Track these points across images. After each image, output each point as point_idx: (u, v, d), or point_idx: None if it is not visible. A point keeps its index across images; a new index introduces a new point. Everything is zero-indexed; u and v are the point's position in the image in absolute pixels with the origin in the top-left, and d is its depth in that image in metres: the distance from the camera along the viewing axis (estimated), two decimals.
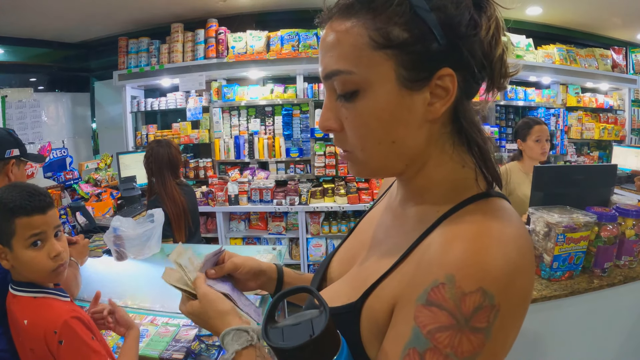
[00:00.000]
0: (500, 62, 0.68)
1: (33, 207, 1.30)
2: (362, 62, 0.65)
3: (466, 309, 0.55)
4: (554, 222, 1.87)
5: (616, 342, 2.08)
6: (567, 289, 1.89)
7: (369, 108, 0.66)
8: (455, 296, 0.56)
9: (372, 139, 0.68)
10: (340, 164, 4.64)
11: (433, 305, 0.57)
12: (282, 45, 4.65)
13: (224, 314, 0.86)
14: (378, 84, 0.65)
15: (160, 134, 5.02)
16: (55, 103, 5.31)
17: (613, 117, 5.59)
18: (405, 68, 0.64)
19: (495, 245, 0.59)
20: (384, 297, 0.67)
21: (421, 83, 0.65)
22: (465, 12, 0.65)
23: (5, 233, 1.27)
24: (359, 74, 0.65)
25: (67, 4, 4.18)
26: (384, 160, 0.71)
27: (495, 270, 0.56)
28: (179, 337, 1.88)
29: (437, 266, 0.59)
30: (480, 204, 0.67)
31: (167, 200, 3.03)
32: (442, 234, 0.64)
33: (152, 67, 4.88)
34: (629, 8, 4.68)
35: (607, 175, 2.38)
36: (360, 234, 0.92)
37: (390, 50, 0.64)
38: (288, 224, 4.75)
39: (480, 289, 0.55)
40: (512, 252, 0.59)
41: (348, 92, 0.67)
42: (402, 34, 0.63)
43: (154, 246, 2.33)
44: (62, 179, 4.13)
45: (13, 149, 1.88)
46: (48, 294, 1.34)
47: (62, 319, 1.25)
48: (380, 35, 0.64)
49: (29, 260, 1.29)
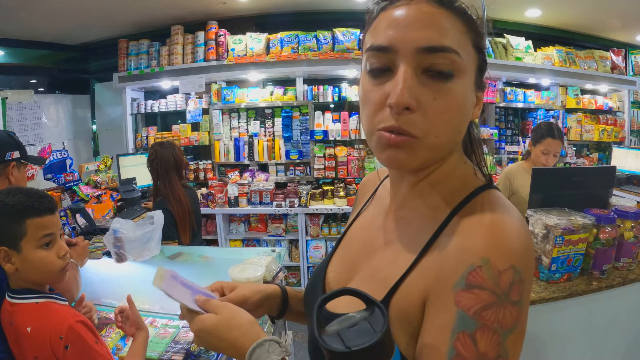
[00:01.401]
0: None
1: (44, 208, 1.32)
2: (465, 50, 0.69)
3: (504, 285, 0.60)
4: (553, 224, 1.88)
5: (615, 343, 2.08)
6: (565, 291, 1.90)
7: (461, 94, 0.70)
8: (494, 275, 0.60)
9: (453, 124, 0.71)
10: (339, 166, 4.64)
11: (474, 287, 0.61)
12: (281, 48, 4.66)
13: (251, 324, 0.78)
14: (468, 75, 0.71)
15: (160, 135, 5.02)
16: (55, 105, 5.31)
17: (612, 119, 5.58)
18: (479, 71, 0.74)
19: (510, 228, 0.65)
20: (411, 292, 0.69)
21: (479, 88, 0.75)
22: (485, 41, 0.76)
23: (14, 235, 1.27)
24: (463, 59, 0.69)
25: (67, 6, 4.19)
26: (444, 147, 0.73)
27: (518, 248, 0.63)
28: (179, 339, 1.88)
29: (468, 252, 0.63)
30: (484, 196, 0.73)
31: (174, 201, 3.04)
32: (461, 225, 0.68)
33: (152, 69, 4.89)
34: (628, 10, 4.68)
35: (606, 177, 2.38)
36: (354, 242, 0.91)
37: (478, 53, 0.73)
38: (288, 226, 4.75)
39: (512, 266, 0.61)
40: (522, 232, 0.66)
41: (447, 71, 0.67)
42: (483, 43, 0.74)
43: (154, 248, 2.33)
44: (62, 181, 4.13)
45: (13, 152, 1.88)
46: (49, 298, 1.34)
47: (67, 323, 1.25)
48: (476, 37, 0.72)
49: (40, 260, 1.30)
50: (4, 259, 1.28)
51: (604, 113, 5.63)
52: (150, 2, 4.45)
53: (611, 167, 2.60)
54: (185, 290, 0.86)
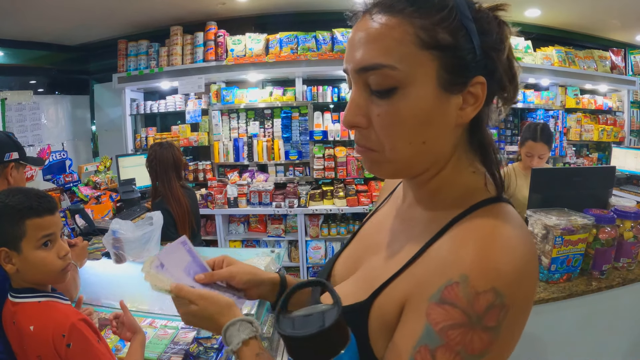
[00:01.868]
0: (516, 77, 0.72)
1: (44, 208, 1.32)
2: (407, 59, 0.65)
3: (479, 307, 0.57)
4: (552, 224, 1.87)
5: (615, 344, 2.08)
6: (565, 292, 1.89)
7: (407, 107, 0.66)
8: (469, 295, 0.58)
9: (404, 139, 0.68)
10: (339, 166, 4.64)
11: (446, 304, 0.59)
12: (281, 48, 4.67)
13: (226, 307, 0.87)
14: (419, 83, 0.65)
15: (160, 136, 5.02)
16: (54, 105, 5.31)
17: (612, 119, 5.58)
18: (446, 71, 0.66)
19: (505, 247, 0.61)
20: (394, 296, 0.69)
21: (458, 88, 0.67)
22: (495, 24, 0.69)
23: (14, 236, 1.28)
24: (402, 70, 0.65)
25: (66, 6, 4.18)
26: (410, 161, 0.71)
27: (506, 271, 0.59)
28: (178, 340, 1.88)
29: (450, 266, 0.61)
30: (490, 208, 0.69)
31: (173, 201, 3.05)
32: (454, 236, 0.66)
33: (151, 70, 4.89)
34: (628, 9, 4.69)
35: (606, 177, 2.38)
36: (364, 238, 0.93)
37: (436, 52, 0.65)
38: (287, 226, 4.75)
39: (493, 288, 0.57)
40: (520, 255, 0.61)
41: (386, 88, 0.66)
42: (448, 38, 0.65)
43: (153, 248, 2.33)
44: (61, 182, 4.13)
45: (12, 152, 1.88)
46: (51, 297, 1.35)
47: (70, 321, 1.26)
48: (428, 35, 0.64)
49: (40, 261, 1.30)
50: (5, 259, 1.28)
51: (604, 113, 5.63)
52: (150, 3, 4.44)
53: (611, 167, 2.60)
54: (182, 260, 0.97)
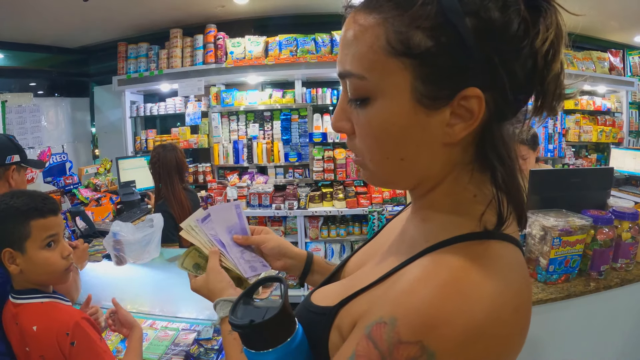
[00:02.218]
0: (555, 81, 0.57)
1: (48, 209, 1.35)
2: (376, 67, 0.57)
3: (398, 357, 0.51)
4: (550, 225, 1.88)
5: (613, 344, 2.08)
6: (563, 292, 1.90)
7: (378, 119, 0.59)
8: (391, 341, 0.52)
9: (379, 152, 0.62)
10: (338, 168, 4.65)
11: (371, 340, 0.54)
12: (280, 51, 4.67)
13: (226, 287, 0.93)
14: (390, 94, 0.57)
15: (160, 138, 5.03)
16: (54, 108, 5.32)
17: (611, 120, 5.58)
18: (422, 82, 0.55)
19: (460, 299, 0.51)
20: (352, 312, 0.66)
21: (440, 102, 0.56)
22: (514, 18, 0.53)
23: (19, 236, 1.30)
24: (371, 80, 0.58)
25: (66, 9, 4.19)
26: (391, 175, 0.65)
27: (446, 327, 0.50)
28: (178, 341, 1.89)
29: (389, 302, 0.56)
30: (472, 246, 0.58)
31: (175, 204, 3.06)
32: (416, 269, 0.59)
33: (151, 72, 4.89)
34: (626, 11, 4.70)
35: (604, 178, 2.39)
36: (378, 240, 0.90)
37: (408, 60, 0.55)
38: (287, 228, 4.75)
39: (420, 342, 0.50)
40: (478, 313, 0.51)
41: (358, 97, 0.60)
42: (425, 42, 0.54)
43: (153, 251, 2.33)
44: (61, 184, 4.14)
45: (13, 155, 1.90)
46: (53, 298, 1.36)
47: (74, 320, 1.28)
48: (398, 39, 0.54)
49: (44, 261, 1.33)
50: (9, 260, 1.30)
51: (602, 114, 5.63)
52: (150, 6, 4.45)
53: (609, 168, 2.61)
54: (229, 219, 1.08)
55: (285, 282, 0.75)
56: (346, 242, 4.68)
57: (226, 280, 0.95)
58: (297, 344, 0.68)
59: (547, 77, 0.56)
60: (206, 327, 1.96)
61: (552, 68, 0.56)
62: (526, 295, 0.59)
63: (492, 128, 0.59)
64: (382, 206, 4.34)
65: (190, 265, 1.04)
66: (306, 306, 0.77)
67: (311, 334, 0.71)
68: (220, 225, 1.05)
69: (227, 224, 1.07)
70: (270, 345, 0.67)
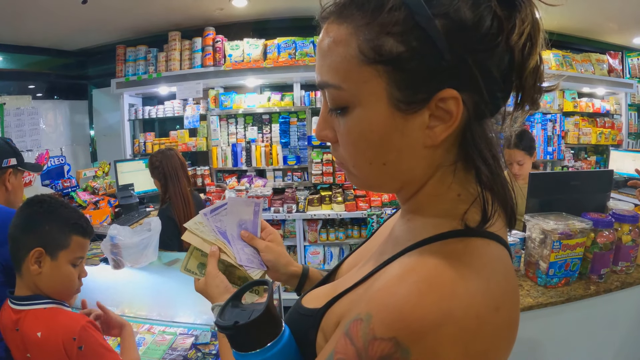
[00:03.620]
0: (533, 75, 0.57)
1: (89, 232, 1.42)
2: (351, 77, 0.57)
3: (372, 354, 0.50)
4: (550, 229, 1.87)
5: (613, 348, 2.08)
6: (563, 296, 1.89)
7: (357, 128, 0.60)
8: (366, 337, 0.51)
9: (361, 159, 0.62)
10: (337, 171, 4.64)
11: (348, 337, 0.54)
12: (279, 53, 4.67)
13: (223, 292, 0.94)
14: (367, 103, 0.58)
15: (158, 141, 5.02)
16: (53, 110, 5.32)
17: (610, 122, 5.58)
18: (397, 87, 0.56)
19: (434, 295, 0.51)
20: (336, 312, 0.67)
21: (417, 105, 0.56)
22: (486, 15, 0.54)
23: (58, 243, 1.33)
24: (347, 90, 0.58)
25: (65, 11, 4.19)
26: (374, 180, 0.65)
27: (420, 325, 0.49)
28: (176, 346, 1.88)
29: (366, 300, 0.56)
30: (450, 244, 0.58)
31: (182, 203, 3.06)
32: (394, 268, 0.59)
33: (149, 75, 4.89)
34: (625, 13, 4.70)
35: (603, 180, 2.39)
36: (370, 243, 0.91)
37: (382, 66, 0.55)
38: (286, 231, 4.74)
39: (394, 339, 0.49)
40: (456, 309, 0.50)
41: (337, 107, 0.61)
42: (396, 47, 0.54)
43: (151, 254, 2.32)
44: (59, 187, 4.13)
45: (10, 159, 1.88)
46: (56, 303, 1.37)
47: (80, 324, 1.29)
48: (369, 47, 0.55)
49: (67, 275, 1.36)
50: (36, 259, 1.31)
51: (602, 116, 5.63)
52: (148, 9, 4.45)
53: (608, 171, 2.60)
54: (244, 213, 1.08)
55: (271, 285, 0.77)
56: (345, 246, 4.67)
57: (223, 285, 0.96)
58: (283, 345, 0.70)
59: (524, 71, 0.56)
60: (204, 332, 1.94)
61: (530, 61, 0.56)
62: (510, 294, 0.58)
63: (472, 127, 0.59)
64: (381, 209, 4.33)
65: (194, 266, 1.05)
66: (296, 309, 0.78)
67: (300, 336, 0.72)
68: (234, 217, 1.06)
69: (241, 217, 1.07)
70: (255, 346, 0.69)
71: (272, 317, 0.70)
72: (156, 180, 3.18)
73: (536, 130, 5.07)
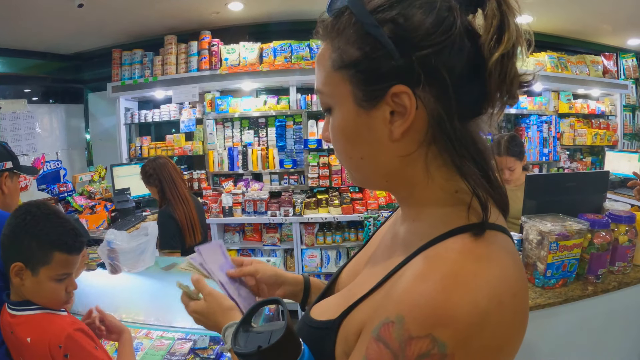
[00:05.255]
0: (499, 67, 0.60)
1: (75, 248, 1.35)
2: (328, 82, 0.69)
3: (410, 353, 0.53)
4: (547, 230, 1.88)
5: (611, 348, 2.08)
6: (561, 297, 1.89)
7: (335, 125, 0.70)
8: (402, 338, 0.54)
9: (344, 154, 0.72)
10: (334, 174, 4.64)
11: (381, 342, 0.56)
12: (275, 57, 4.67)
13: (227, 309, 0.92)
14: (339, 102, 0.68)
15: (154, 145, 5.00)
16: (49, 115, 5.31)
17: (605, 123, 5.61)
18: (358, 87, 0.65)
19: (461, 289, 0.54)
20: (356, 320, 0.67)
21: (375, 102, 0.64)
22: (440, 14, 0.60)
23: (38, 260, 1.29)
24: (326, 93, 0.70)
25: (61, 15, 4.18)
26: (359, 174, 0.73)
27: (452, 318, 0.52)
28: (174, 351, 1.87)
29: (393, 302, 0.58)
30: (464, 239, 0.61)
31: (181, 203, 3.07)
32: (413, 268, 0.61)
33: (145, 79, 4.88)
34: (619, 14, 4.73)
35: (600, 181, 2.40)
36: (369, 248, 0.92)
37: (345, 70, 0.65)
38: (282, 235, 4.74)
39: (430, 335, 0.52)
40: (481, 299, 0.53)
41: (324, 108, 0.72)
42: (354, 53, 0.64)
43: (148, 259, 2.32)
44: (55, 192, 4.11)
45: (6, 162, 1.87)
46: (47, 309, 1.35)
47: (66, 332, 1.27)
48: (337, 55, 0.66)
49: (49, 290, 1.32)
50: (17, 273, 1.29)
51: (597, 117, 5.66)
52: (144, 12, 4.45)
53: (604, 172, 2.61)
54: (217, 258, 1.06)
55: (284, 303, 0.75)
56: (342, 249, 4.67)
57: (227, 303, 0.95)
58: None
59: (489, 64, 0.60)
60: (202, 337, 1.94)
61: (494, 54, 0.59)
62: (522, 281, 0.62)
63: (446, 121, 0.62)
64: (378, 212, 4.33)
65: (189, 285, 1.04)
66: (307, 322, 0.78)
67: (316, 350, 0.72)
68: (214, 265, 1.04)
69: (218, 262, 1.06)
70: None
71: (293, 335, 0.69)
72: (152, 187, 3.18)
73: (532, 132, 5.09)
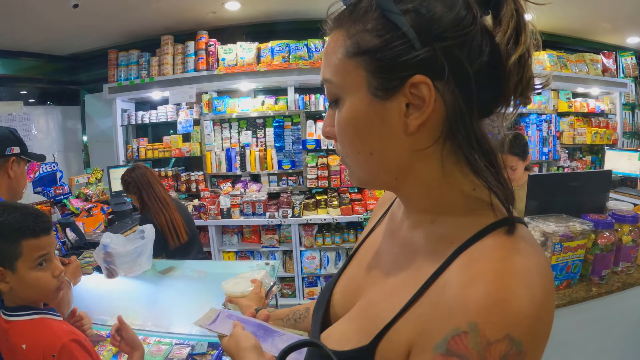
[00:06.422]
0: (517, 68, 0.60)
1: (40, 229, 1.31)
2: (339, 70, 0.65)
3: (491, 359, 0.51)
4: (550, 231, 1.85)
5: (616, 349, 2.07)
6: (565, 298, 1.88)
7: (344, 117, 0.67)
8: (480, 346, 0.52)
9: (351, 148, 0.68)
10: (332, 175, 4.62)
11: (454, 356, 0.53)
12: (272, 57, 4.65)
13: (243, 350, 0.88)
14: (351, 92, 0.65)
15: (152, 147, 4.98)
16: (45, 116, 5.27)
17: (605, 121, 5.61)
18: (374, 76, 0.62)
19: (519, 284, 0.54)
20: (398, 341, 0.62)
21: (391, 92, 0.62)
22: (458, 9, 0.59)
23: (10, 255, 1.26)
24: (335, 82, 0.66)
25: (56, 16, 4.16)
26: (367, 171, 0.70)
27: (522, 314, 0.52)
28: (172, 356, 1.85)
29: (457, 312, 0.55)
30: (500, 235, 0.61)
31: (161, 206, 3.07)
32: (460, 273, 0.59)
33: (142, 80, 4.85)
34: (618, 12, 4.72)
35: (602, 181, 2.37)
36: (362, 262, 0.86)
37: (360, 58, 0.63)
38: (281, 236, 4.71)
39: (507, 336, 0.52)
40: (537, 289, 0.55)
41: (332, 100, 0.69)
42: (372, 40, 0.61)
43: (145, 263, 2.29)
44: (52, 194, 4.08)
45: (14, 147, 1.90)
46: (43, 314, 1.33)
47: (61, 342, 1.24)
48: (352, 42, 0.63)
49: (35, 281, 1.30)
50: (0, 279, 1.26)
51: (596, 116, 5.66)
52: (140, 13, 4.43)
53: (607, 171, 2.59)
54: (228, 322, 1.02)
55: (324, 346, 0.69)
56: (341, 250, 4.66)
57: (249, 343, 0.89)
58: None
59: (507, 64, 0.60)
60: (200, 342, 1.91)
61: (513, 54, 0.59)
62: (549, 267, 0.63)
63: (464, 117, 0.61)
64: None
65: None
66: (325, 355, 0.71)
67: None
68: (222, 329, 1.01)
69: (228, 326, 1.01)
70: None
71: None
72: (132, 195, 3.20)
73: (531, 130, 5.07)
